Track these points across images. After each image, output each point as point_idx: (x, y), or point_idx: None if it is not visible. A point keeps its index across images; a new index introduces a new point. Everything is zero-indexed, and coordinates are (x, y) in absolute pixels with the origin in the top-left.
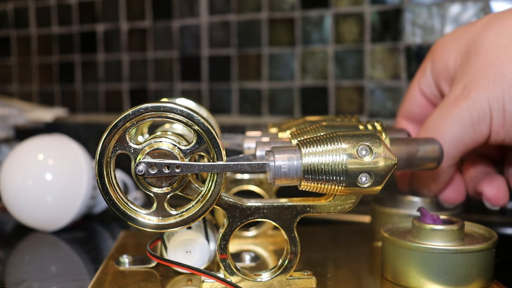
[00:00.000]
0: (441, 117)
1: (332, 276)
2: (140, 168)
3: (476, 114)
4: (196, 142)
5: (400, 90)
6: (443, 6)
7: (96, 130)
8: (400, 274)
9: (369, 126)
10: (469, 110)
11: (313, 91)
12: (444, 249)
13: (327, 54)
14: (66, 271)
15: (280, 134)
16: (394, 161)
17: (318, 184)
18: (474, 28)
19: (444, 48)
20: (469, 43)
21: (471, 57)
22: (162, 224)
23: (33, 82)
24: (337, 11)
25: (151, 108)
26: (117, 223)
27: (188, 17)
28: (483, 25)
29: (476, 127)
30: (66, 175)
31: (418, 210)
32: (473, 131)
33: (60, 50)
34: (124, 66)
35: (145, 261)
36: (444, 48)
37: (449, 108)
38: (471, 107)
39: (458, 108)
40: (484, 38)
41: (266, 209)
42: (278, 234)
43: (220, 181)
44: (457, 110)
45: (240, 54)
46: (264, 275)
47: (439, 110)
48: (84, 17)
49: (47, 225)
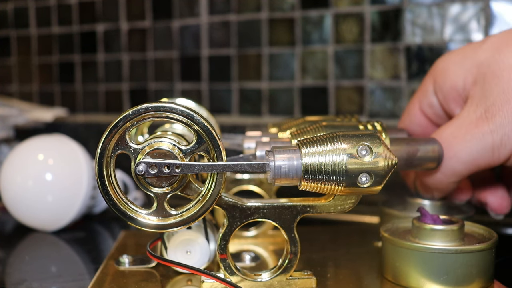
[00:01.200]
0: (460, 136)
1: (332, 276)
2: (140, 168)
3: (498, 139)
4: (196, 142)
5: (400, 90)
6: (443, 6)
7: (96, 130)
8: (400, 274)
9: (369, 126)
10: (491, 134)
11: (313, 91)
12: (444, 249)
13: (327, 54)
14: (66, 271)
15: (280, 134)
16: (394, 161)
17: (318, 184)
18: (482, 50)
19: (448, 69)
20: (482, 65)
21: (489, 80)
22: (162, 224)
23: (33, 82)
24: (337, 11)
25: (151, 108)
26: (117, 223)
27: (188, 17)
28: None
29: (496, 151)
30: (66, 175)
31: (418, 210)
32: (491, 155)
33: (60, 50)
34: (124, 66)
35: (145, 261)
36: (448, 69)
37: (470, 128)
38: (494, 131)
39: (479, 130)
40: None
41: (266, 209)
42: (278, 234)
43: (220, 181)
44: (479, 132)
45: (240, 54)
46: (264, 275)
47: (457, 129)
48: (84, 17)
49: (47, 225)
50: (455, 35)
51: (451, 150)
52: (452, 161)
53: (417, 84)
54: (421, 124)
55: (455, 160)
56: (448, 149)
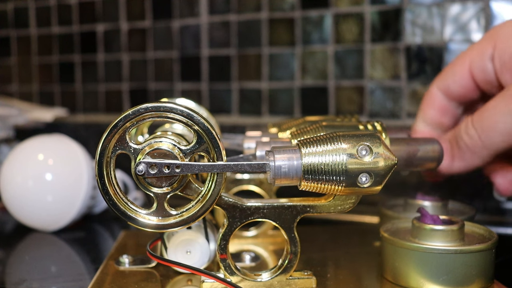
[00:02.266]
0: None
1: (332, 276)
2: (140, 168)
3: None
4: (196, 142)
5: (400, 90)
6: (443, 6)
7: (96, 130)
8: (400, 274)
9: (369, 126)
10: None
11: (313, 91)
12: (444, 249)
13: (327, 54)
14: (66, 271)
15: (280, 134)
16: (394, 161)
17: (318, 184)
18: None
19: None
20: None
21: None
22: (162, 224)
23: (33, 82)
24: (337, 11)
25: (151, 108)
26: (117, 223)
27: (188, 17)
28: None
29: None
30: (66, 175)
31: (418, 211)
32: None
33: (60, 50)
34: (124, 66)
35: (145, 261)
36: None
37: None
38: None
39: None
40: None
41: (266, 209)
42: (278, 234)
43: (220, 181)
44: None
45: (240, 54)
46: (264, 275)
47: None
48: (84, 17)
49: (47, 225)
50: (455, 35)
51: (492, 119)
52: (491, 130)
53: (417, 84)
54: (466, 86)
55: (493, 129)
56: (488, 118)
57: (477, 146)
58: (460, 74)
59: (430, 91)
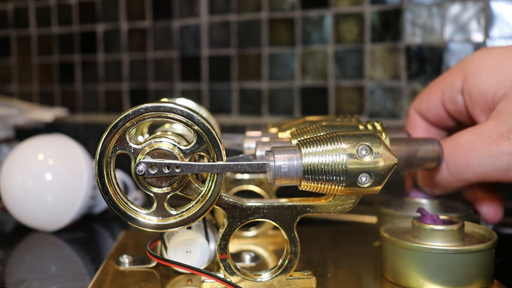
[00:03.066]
0: (477, 148)
1: (332, 276)
2: (140, 168)
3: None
4: (196, 142)
5: (400, 90)
6: (443, 6)
7: (96, 130)
8: (400, 274)
9: (369, 126)
10: (509, 156)
11: (313, 91)
12: (444, 249)
13: (327, 54)
14: (66, 271)
15: (280, 134)
16: (394, 161)
17: (318, 184)
18: None
19: (481, 73)
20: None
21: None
22: (162, 224)
23: (33, 82)
24: (337, 11)
25: (151, 108)
26: (117, 223)
27: (188, 17)
28: None
29: (510, 172)
30: (66, 175)
31: (418, 211)
32: (503, 174)
33: (60, 50)
34: (124, 66)
35: (145, 261)
36: (481, 73)
37: (488, 144)
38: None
39: (498, 149)
40: None
41: (266, 209)
42: (278, 234)
43: (220, 181)
44: (497, 151)
45: (240, 54)
46: (264, 275)
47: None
48: (84, 17)
49: (47, 225)
50: (455, 35)
51: (465, 158)
52: (464, 168)
53: (417, 84)
54: (439, 115)
55: (466, 168)
56: (462, 156)
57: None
58: (433, 103)
59: (410, 114)
